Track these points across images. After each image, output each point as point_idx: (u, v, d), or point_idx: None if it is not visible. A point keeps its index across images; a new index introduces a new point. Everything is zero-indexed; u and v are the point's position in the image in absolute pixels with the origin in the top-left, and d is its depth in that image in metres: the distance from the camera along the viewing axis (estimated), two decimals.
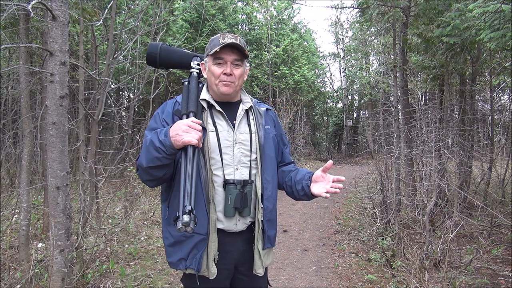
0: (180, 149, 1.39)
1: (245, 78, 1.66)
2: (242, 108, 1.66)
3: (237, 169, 1.60)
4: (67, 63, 2.50)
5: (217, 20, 10.20)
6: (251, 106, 1.69)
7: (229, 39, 1.53)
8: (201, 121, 1.44)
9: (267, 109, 1.75)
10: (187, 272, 1.58)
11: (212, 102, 1.62)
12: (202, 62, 1.66)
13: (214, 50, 1.53)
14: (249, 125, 1.66)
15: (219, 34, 1.57)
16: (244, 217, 1.60)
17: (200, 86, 1.68)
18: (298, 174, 1.68)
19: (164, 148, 1.39)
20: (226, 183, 1.56)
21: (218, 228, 1.59)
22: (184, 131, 1.37)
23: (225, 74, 1.55)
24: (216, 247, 1.57)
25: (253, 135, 1.64)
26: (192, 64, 1.69)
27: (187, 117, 1.49)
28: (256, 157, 1.63)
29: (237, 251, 1.64)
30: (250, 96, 1.76)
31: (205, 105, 1.61)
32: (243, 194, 1.55)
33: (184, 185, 1.33)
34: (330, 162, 1.56)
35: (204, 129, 1.56)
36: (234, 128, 1.62)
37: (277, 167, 1.77)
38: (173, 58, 1.74)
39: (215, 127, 1.61)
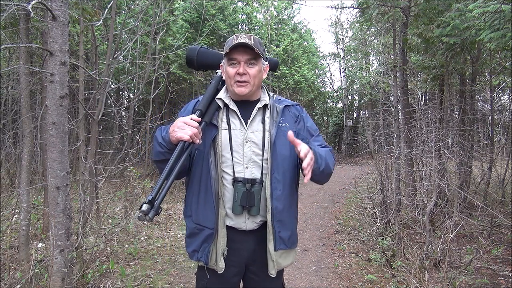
0: (177, 144, 1.43)
1: (264, 76, 1.65)
2: (257, 106, 1.64)
3: (247, 167, 1.60)
4: (67, 63, 2.50)
5: (217, 20, 10.20)
6: (266, 104, 1.66)
7: (242, 39, 1.53)
8: (199, 119, 1.48)
9: (286, 106, 1.71)
10: (199, 264, 1.67)
11: (227, 101, 1.63)
12: (221, 64, 1.67)
13: (226, 51, 1.55)
14: (263, 123, 1.64)
15: (234, 35, 1.57)
16: (254, 216, 1.60)
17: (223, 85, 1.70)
18: None
19: (164, 143, 1.48)
20: (234, 181, 1.58)
21: (228, 225, 1.62)
22: (179, 127, 1.42)
23: (238, 74, 1.55)
24: (225, 243, 1.60)
25: (266, 133, 1.63)
26: (220, 63, 1.71)
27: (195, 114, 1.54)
28: (268, 157, 1.61)
29: (248, 250, 1.64)
30: (272, 93, 1.75)
31: (221, 104, 1.63)
32: (249, 192, 1.55)
33: (158, 179, 1.36)
34: (289, 133, 1.45)
35: (216, 127, 1.60)
36: (246, 126, 1.62)
37: (297, 166, 1.68)
38: (210, 60, 1.78)
39: (229, 125, 1.62)
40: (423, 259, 3.70)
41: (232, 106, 1.63)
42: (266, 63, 1.67)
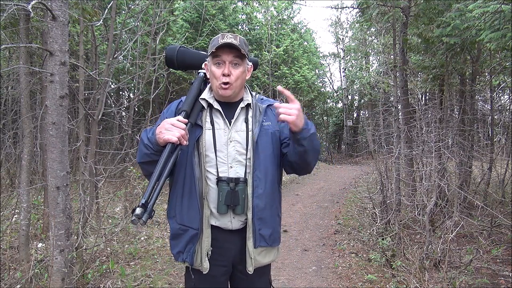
0: (164, 146, 1.43)
1: (247, 77, 1.66)
2: (240, 106, 1.66)
3: (231, 167, 1.61)
4: (67, 63, 2.50)
5: (217, 20, 10.20)
6: (249, 104, 1.67)
7: (228, 38, 1.53)
8: (186, 120, 1.49)
9: (268, 105, 1.71)
10: (185, 265, 1.67)
11: (211, 101, 1.63)
12: (205, 63, 1.67)
13: (211, 50, 1.55)
14: (246, 123, 1.65)
15: (219, 34, 1.57)
16: (239, 214, 1.61)
17: (206, 85, 1.71)
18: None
19: (150, 145, 1.48)
20: (218, 181, 1.59)
21: (214, 225, 1.62)
22: (166, 129, 1.42)
23: (223, 75, 1.56)
24: (209, 243, 1.61)
25: (249, 133, 1.64)
26: (203, 65, 1.71)
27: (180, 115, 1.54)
28: (251, 155, 1.63)
29: (234, 249, 1.65)
30: (254, 93, 1.75)
31: (204, 104, 1.63)
32: (233, 192, 1.56)
33: (149, 181, 1.37)
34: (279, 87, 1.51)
35: (201, 128, 1.61)
36: (229, 126, 1.63)
37: (279, 165, 1.72)
38: (190, 60, 1.78)
39: (213, 125, 1.62)
40: (423, 259, 3.70)
41: (216, 106, 1.63)
42: (250, 63, 1.68)
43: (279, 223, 1.74)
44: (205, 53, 1.75)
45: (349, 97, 21.81)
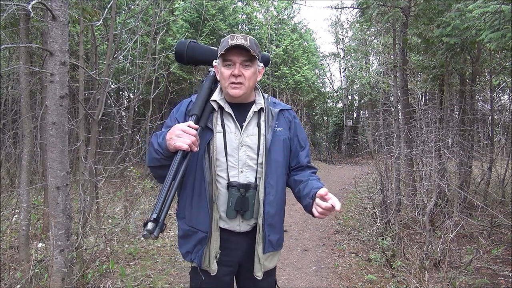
0: (175, 152, 1.40)
1: (258, 78, 1.63)
2: (252, 110, 1.62)
3: (241, 172, 1.58)
4: (67, 63, 2.50)
5: (217, 20, 10.21)
6: (262, 107, 1.63)
7: (238, 39, 1.49)
8: (197, 126, 1.45)
9: (281, 110, 1.68)
10: (192, 265, 1.66)
11: (222, 103, 1.59)
12: (215, 64, 1.63)
13: (221, 52, 1.51)
14: (259, 127, 1.62)
15: (229, 35, 1.53)
16: (248, 219, 1.60)
17: (217, 84, 1.66)
18: (306, 188, 1.58)
19: (161, 150, 1.44)
20: (229, 186, 1.57)
21: (222, 227, 1.61)
22: (177, 135, 1.38)
23: (233, 75, 1.52)
24: (218, 246, 1.60)
25: (261, 138, 1.61)
26: (214, 63, 1.65)
27: (191, 119, 1.50)
28: (262, 161, 1.60)
29: (241, 250, 1.65)
30: (267, 95, 1.72)
31: (215, 106, 1.59)
32: (244, 198, 1.55)
33: (160, 192, 1.33)
34: (323, 190, 1.48)
35: (211, 131, 1.57)
36: (241, 130, 1.60)
37: (288, 171, 1.72)
38: (200, 55, 1.74)
39: (223, 128, 1.59)
40: (423, 259, 3.70)
41: (228, 109, 1.60)
42: (262, 65, 1.64)
43: (283, 228, 1.75)
44: (216, 48, 1.69)
45: (349, 97, 21.82)
